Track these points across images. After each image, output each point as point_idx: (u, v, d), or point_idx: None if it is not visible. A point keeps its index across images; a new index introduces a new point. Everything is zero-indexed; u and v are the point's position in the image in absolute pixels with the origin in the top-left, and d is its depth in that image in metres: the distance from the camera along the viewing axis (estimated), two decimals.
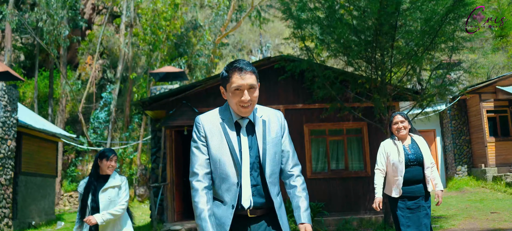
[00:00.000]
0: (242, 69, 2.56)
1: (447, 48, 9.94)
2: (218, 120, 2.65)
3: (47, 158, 16.64)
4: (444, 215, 11.16)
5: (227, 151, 2.58)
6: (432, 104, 10.90)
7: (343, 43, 9.61)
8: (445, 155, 18.18)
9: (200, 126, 2.64)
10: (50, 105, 26.62)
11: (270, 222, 2.62)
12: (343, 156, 11.37)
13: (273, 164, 2.62)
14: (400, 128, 5.05)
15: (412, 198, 4.91)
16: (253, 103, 2.59)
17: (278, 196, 2.65)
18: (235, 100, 2.56)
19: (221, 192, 2.58)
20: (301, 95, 11.38)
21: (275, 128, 2.69)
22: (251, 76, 2.57)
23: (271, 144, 2.64)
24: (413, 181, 4.91)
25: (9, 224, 12.85)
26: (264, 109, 2.74)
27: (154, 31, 25.00)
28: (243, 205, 2.54)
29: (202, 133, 2.63)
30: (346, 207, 11.02)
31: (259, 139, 2.62)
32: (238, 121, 2.64)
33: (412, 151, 4.98)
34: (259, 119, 2.67)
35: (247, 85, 2.54)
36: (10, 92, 12.99)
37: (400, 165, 4.94)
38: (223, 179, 2.57)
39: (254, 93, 2.58)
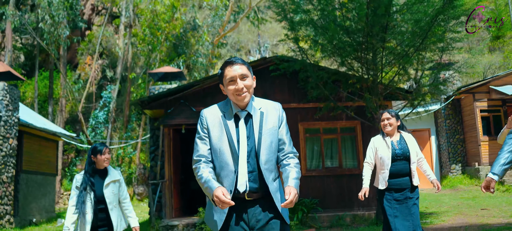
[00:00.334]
0: (232, 62, 2.86)
1: (437, 48, 10.21)
2: (220, 113, 2.93)
3: (47, 156, 16.91)
4: (435, 211, 11.44)
5: (226, 141, 2.86)
6: (423, 104, 11.17)
7: (335, 44, 9.88)
8: (440, 154, 18.46)
9: (203, 118, 2.94)
10: (50, 105, 26.87)
11: (265, 205, 2.86)
12: (337, 154, 11.64)
13: (269, 152, 2.86)
14: (386, 124, 5.33)
15: (399, 190, 5.18)
16: (248, 91, 2.86)
17: (275, 182, 2.91)
18: (231, 90, 2.84)
19: (221, 179, 2.85)
20: (296, 95, 11.65)
21: (272, 118, 2.93)
22: (241, 67, 2.85)
23: (267, 134, 2.88)
24: (400, 174, 5.19)
25: (10, 220, 13.12)
26: (263, 102, 2.98)
27: (153, 32, 25.24)
28: (238, 189, 2.79)
29: (204, 125, 2.93)
30: (340, 203, 11.29)
31: (256, 129, 2.86)
32: (237, 113, 2.91)
33: (399, 146, 5.26)
34: (257, 110, 2.92)
35: (238, 75, 2.82)
36: (12, 92, 13.26)
37: (387, 159, 5.23)
38: (223, 167, 2.85)
39: (247, 82, 2.85)
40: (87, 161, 5.01)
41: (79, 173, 5.03)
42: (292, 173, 2.88)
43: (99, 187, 4.96)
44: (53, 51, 22.53)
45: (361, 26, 9.40)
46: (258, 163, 2.85)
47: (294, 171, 2.90)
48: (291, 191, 2.77)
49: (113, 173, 5.09)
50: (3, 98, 12.86)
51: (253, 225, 2.84)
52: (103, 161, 4.99)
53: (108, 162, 5.05)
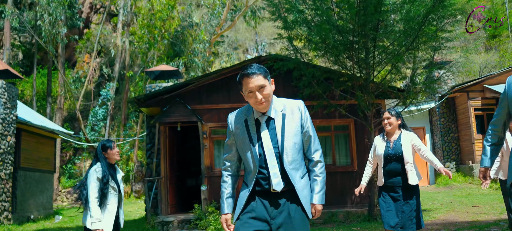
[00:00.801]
0: (249, 75, 2.91)
1: (429, 48, 10.35)
2: (243, 117, 3.09)
3: (45, 154, 17.04)
4: (428, 208, 11.60)
5: (248, 145, 3.03)
6: (416, 102, 11.30)
7: (328, 43, 10.02)
8: (434, 152, 18.62)
9: (229, 124, 3.15)
10: (48, 103, 27.00)
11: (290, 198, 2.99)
12: (330, 152, 11.79)
13: (294, 152, 3.00)
14: (386, 124, 5.46)
15: (392, 189, 5.32)
16: (267, 100, 2.95)
17: (302, 179, 3.07)
18: (252, 101, 2.96)
19: (246, 178, 3.10)
20: (290, 93, 11.78)
21: (295, 118, 3.04)
22: (258, 78, 2.90)
23: (290, 135, 3.00)
24: (393, 173, 5.32)
25: (8, 217, 13.26)
26: (285, 102, 3.08)
27: (150, 31, 25.36)
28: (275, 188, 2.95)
29: (230, 129, 3.14)
30: (333, 200, 11.45)
31: (278, 131, 2.99)
32: (259, 118, 3.03)
33: (393, 146, 5.36)
34: (279, 113, 3.04)
35: (256, 87, 2.89)
36: (10, 90, 13.39)
37: (381, 159, 5.42)
38: (246, 167, 3.08)
39: (265, 91, 2.92)
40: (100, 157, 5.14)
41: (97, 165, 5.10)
42: (317, 186, 3.08)
43: (116, 181, 5.20)
44: (51, 50, 22.63)
45: (353, 25, 9.54)
46: (282, 164, 2.98)
47: (319, 181, 3.09)
48: (316, 209, 3.06)
49: (119, 169, 5.33)
50: (1, 96, 13.00)
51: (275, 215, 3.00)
52: (114, 155, 5.19)
53: (118, 155, 5.25)
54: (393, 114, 5.46)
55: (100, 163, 5.10)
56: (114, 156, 5.19)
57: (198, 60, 25.76)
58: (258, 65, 3.04)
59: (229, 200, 3.14)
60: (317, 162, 3.12)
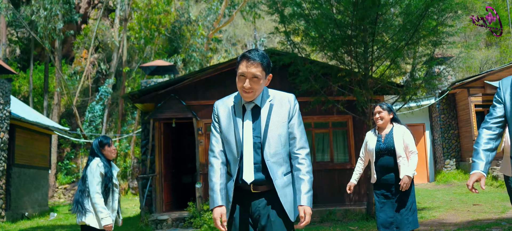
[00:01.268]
0: (249, 58, 2.77)
1: (430, 42, 10.12)
2: (231, 103, 2.95)
3: (40, 150, 16.84)
4: (427, 207, 11.39)
5: (233, 131, 2.88)
6: (416, 99, 11.09)
7: (326, 38, 9.79)
8: (434, 149, 18.42)
9: (215, 109, 3.00)
10: (45, 99, 26.78)
11: (270, 200, 2.82)
12: (328, 148, 11.58)
13: (277, 144, 2.83)
14: (377, 118, 5.28)
15: (386, 186, 5.14)
16: (254, 91, 2.81)
17: (285, 176, 2.86)
18: (239, 85, 2.82)
19: (229, 167, 2.92)
20: (286, 89, 11.52)
21: (282, 110, 2.89)
22: (256, 67, 2.76)
23: (275, 126, 2.84)
24: (385, 169, 5.14)
25: (2, 214, 13.06)
26: (275, 93, 2.95)
27: (146, 26, 25.14)
28: (244, 179, 2.79)
29: (216, 115, 2.98)
30: (331, 198, 11.24)
31: (263, 120, 2.84)
32: (245, 104, 2.90)
33: (385, 140, 5.18)
34: (267, 102, 2.90)
35: (250, 74, 2.76)
36: (3, 86, 13.17)
37: (372, 153, 5.23)
38: (230, 157, 2.90)
39: (255, 84, 2.79)
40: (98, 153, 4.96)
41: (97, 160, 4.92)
42: (304, 186, 2.81)
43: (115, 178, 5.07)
44: (47, 45, 22.40)
45: (351, 19, 9.31)
46: (263, 155, 2.82)
47: (306, 180, 2.82)
48: (306, 212, 2.77)
49: (115, 166, 5.17)
50: None
51: (256, 219, 2.84)
52: (111, 152, 5.04)
53: (115, 153, 5.10)
54: (385, 108, 5.30)
55: (99, 158, 4.92)
56: (111, 153, 5.04)
57: (196, 56, 25.54)
58: (264, 53, 2.85)
59: (223, 191, 2.87)
60: (303, 160, 2.87)
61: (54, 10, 22.34)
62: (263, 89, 2.89)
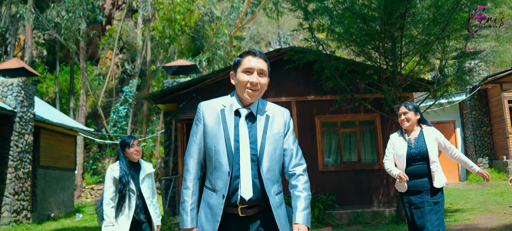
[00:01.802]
0: (255, 53, 2.62)
1: (461, 36, 9.64)
2: (220, 106, 2.62)
3: (65, 151, 16.91)
4: (460, 208, 10.89)
5: (222, 139, 2.53)
6: (446, 95, 10.60)
7: (352, 33, 9.42)
8: (466, 147, 17.77)
9: (199, 111, 2.63)
10: (72, 100, 27.04)
11: (265, 222, 2.54)
12: (355, 148, 11.20)
13: (272, 160, 2.55)
14: (403, 120, 4.83)
15: (415, 193, 4.69)
16: (261, 89, 2.59)
17: (277, 196, 2.57)
18: (244, 82, 2.55)
19: (214, 180, 2.52)
20: (312, 87, 11.23)
21: (278, 124, 2.64)
22: (263, 62, 2.61)
23: (271, 139, 2.58)
24: (417, 175, 4.69)
25: (27, 216, 13.11)
26: (270, 105, 2.71)
27: (170, 25, 25.12)
28: (243, 196, 2.47)
29: (200, 118, 2.61)
30: (359, 200, 10.86)
31: (259, 132, 2.56)
32: (240, 109, 2.60)
33: (416, 145, 4.74)
34: (264, 112, 2.64)
35: (258, 69, 2.57)
36: (27, 88, 13.21)
37: (402, 160, 4.75)
38: (217, 167, 2.51)
39: (263, 80, 2.59)
40: (120, 156, 4.73)
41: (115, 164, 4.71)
42: (300, 203, 2.53)
43: (137, 182, 4.71)
44: (72, 46, 22.56)
45: (379, 13, 8.90)
46: (259, 171, 2.51)
47: (303, 198, 2.54)
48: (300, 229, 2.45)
49: (147, 166, 4.84)
50: (17, 95, 12.82)
51: None
52: (132, 154, 4.71)
53: (138, 154, 4.75)
54: (411, 109, 4.82)
55: (119, 161, 4.69)
56: (133, 155, 4.70)
57: (221, 53, 25.39)
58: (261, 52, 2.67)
59: (193, 211, 2.55)
60: (299, 176, 2.61)
61: (78, 12, 22.46)
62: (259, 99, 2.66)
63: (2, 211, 12.37)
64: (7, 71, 13.76)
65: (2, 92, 12.85)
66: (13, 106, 12.70)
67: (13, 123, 12.68)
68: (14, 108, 12.68)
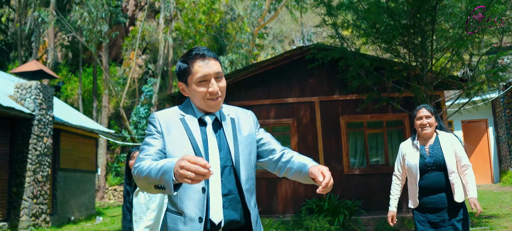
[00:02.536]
0: (204, 55, 2.14)
1: (497, 30, 8.99)
2: (178, 115, 2.20)
3: (86, 153, 16.76)
4: (495, 214, 10.21)
5: (189, 149, 2.08)
6: (481, 93, 9.94)
7: (378, 29, 8.87)
8: (499, 147, 16.94)
9: (155, 120, 2.18)
10: (94, 101, 27.08)
11: None
12: (383, 150, 10.63)
13: (249, 167, 2.17)
14: (425, 124, 4.13)
15: (434, 211, 4.01)
16: (222, 95, 2.19)
17: (255, 208, 2.18)
18: (202, 93, 2.13)
19: (180, 201, 2.05)
20: (336, 86, 10.71)
21: (247, 125, 2.30)
22: (215, 63, 2.16)
23: (244, 144, 2.21)
24: (433, 189, 4.02)
25: (46, 219, 12.95)
26: (231, 108, 2.35)
27: (194, 25, 24.91)
28: (212, 219, 2.02)
29: (157, 127, 2.15)
30: (386, 205, 10.25)
31: (229, 138, 2.18)
32: (202, 117, 2.20)
33: (431, 153, 4.09)
34: (227, 116, 2.27)
35: (213, 73, 2.13)
36: (45, 90, 13.04)
37: (414, 170, 4.10)
38: (184, 186, 2.03)
39: (221, 83, 2.18)
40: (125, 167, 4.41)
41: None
42: (306, 158, 2.24)
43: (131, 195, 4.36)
44: (93, 48, 22.53)
45: (407, 7, 8.34)
46: (238, 182, 2.11)
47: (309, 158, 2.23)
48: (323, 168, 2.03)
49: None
50: (36, 97, 12.65)
51: None
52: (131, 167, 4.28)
53: None
54: (433, 113, 4.16)
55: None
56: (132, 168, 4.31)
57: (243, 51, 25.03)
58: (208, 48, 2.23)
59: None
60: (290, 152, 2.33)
61: (99, 14, 22.40)
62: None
63: (20, 215, 12.23)
64: (26, 74, 13.62)
65: (21, 95, 12.70)
66: (31, 109, 12.54)
67: (31, 126, 12.51)
68: (32, 111, 12.52)
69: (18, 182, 12.36)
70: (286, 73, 10.87)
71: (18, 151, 12.46)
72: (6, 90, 13.30)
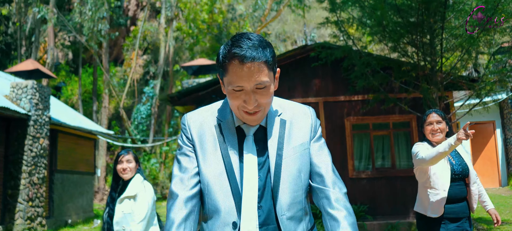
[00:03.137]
0: (244, 58, 1.55)
1: (508, 28, 8.62)
2: (213, 121, 1.76)
3: (84, 155, 16.43)
4: (506, 220, 9.83)
5: (221, 172, 1.68)
6: (492, 94, 9.57)
7: (385, 26, 8.50)
8: (507, 149, 16.54)
9: (185, 127, 1.78)
10: (94, 102, 26.78)
11: None
12: (389, 153, 10.25)
13: (295, 188, 1.69)
14: (436, 130, 3.86)
15: (455, 220, 3.76)
16: (264, 109, 1.67)
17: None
18: (235, 104, 1.65)
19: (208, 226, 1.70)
20: (341, 87, 10.35)
21: (301, 131, 1.77)
22: (259, 69, 1.57)
23: (292, 158, 1.70)
24: (456, 198, 3.78)
25: (42, 223, 12.61)
26: (286, 104, 1.82)
27: (196, 24, 24.63)
28: None
29: (189, 136, 1.76)
30: (393, 210, 9.91)
31: (272, 150, 1.69)
32: (242, 126, 1.75)
33: (456, 160, 3.84)
34: (276, 118, 1.76)
35: (253, 84, 1.59)
36: (42, 90, 12.71)
37: (445, 178, 3.77)
38: (213, 213, 1.68)
39: (265, 95, 1.63)
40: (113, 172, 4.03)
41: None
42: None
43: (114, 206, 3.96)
44: (94, 47, 22.23)
45: (415, 3, 7.97)
46: (275, 211, 1.67)
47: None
48: None
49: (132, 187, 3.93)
50: (32, 97, 12.32)
51: None
52: (119, 172, 3.93)
53: (126, 172, 3.92)
54: (444, 118, 3.91)
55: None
56: (120, 173, 3.92)
57: None
58: (262, 38, 1.63)
59: None
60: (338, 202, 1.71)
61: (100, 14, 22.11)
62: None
63: (15, 218, 11.89)
64: (23, 73, 13.30)
65: (16, 94, 12.37)
66: (27, 110, 12.21)
67: (27, 127, 12.18)
68: (28, 112, 12.19)
69: (13, 184, 12.03)
70: (288, 73, 10.51)
71: (13, 152, 12.14)
72: (2, 90, 12.98)
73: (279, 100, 1.82)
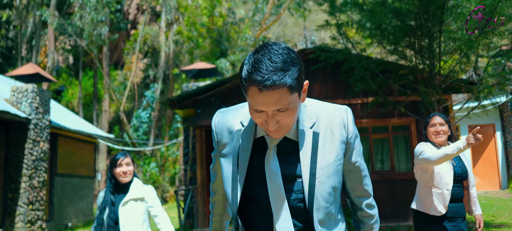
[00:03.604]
0: (263, 87, 1.41)
1: (507, 31, 8.64)
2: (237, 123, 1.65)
3: (84, 158, 16.47)
4: (506, 222, 9.84)
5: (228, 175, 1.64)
6: (491, 97, 9.59)
7: (384, 29, 8.54)
8: (506, 152, 16.55)
9: (213, 128, 1.72)
10: (95, 106, 26.82)
11: None
12: (388, 156, 10.28)
13: (329, 204, 1.59)
14: (439, 132, 3.95)
15: (452, 219, 3.89)
16: (287, 126, 1.54)
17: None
18: (257, 121, 1.53)
19: None
20: (340, 89, 10.38)
21: (335, 141, 1.60)
22: (280, 95, 1.43)
23: (326, 172, 1.57)
24: (455, 199, 3.90)
25: (43, 226, 12.63)
26: (322, 112, 1.63)
27: (196, 28, 24.67)
28: None
29: (215, 140, 1.72)
30: (393, 213, 9.92)
31: (305, 165, 1.56)
32: (266, 137, 1.61)
33: (457, 163, 3.96)
34: (307, 130, 1.59)
35: (272, 108, 1.46)
36: (42, 94, 12.74)
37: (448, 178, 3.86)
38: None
39: (288, 115, 1.49)
40: (107, 177, 3.99)
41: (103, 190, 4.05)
42: None
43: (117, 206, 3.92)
44: (94, 50, 22.27)
45: (413, 7, 8.00)
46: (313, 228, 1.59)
47: None
48: None
49: (137, 189, 3.95)
50: (32, 101, 12.35)
51: None
52: (119, 175, 3.89)
53: (126, 175, 3.90)
54: (446, 121, 4.02)
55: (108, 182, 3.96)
56: (119, 176, 3.88)
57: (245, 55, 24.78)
58: (286, 57, 1.45)
59: None
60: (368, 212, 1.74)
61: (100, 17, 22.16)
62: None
63: (16, 221, 11.91)
64: (23, 77, 13.34)
65: (17, 98, 12.41)
66: (27, 113, 12.24)
67: (27, 130, 12.21)
68: (28, 115, 12.22)
69: (13, 187, 12.05)
70: None
71: (13, 156, 12.16)
72: (2, 94, 13.01)
73: (314, 106, 1.65)
